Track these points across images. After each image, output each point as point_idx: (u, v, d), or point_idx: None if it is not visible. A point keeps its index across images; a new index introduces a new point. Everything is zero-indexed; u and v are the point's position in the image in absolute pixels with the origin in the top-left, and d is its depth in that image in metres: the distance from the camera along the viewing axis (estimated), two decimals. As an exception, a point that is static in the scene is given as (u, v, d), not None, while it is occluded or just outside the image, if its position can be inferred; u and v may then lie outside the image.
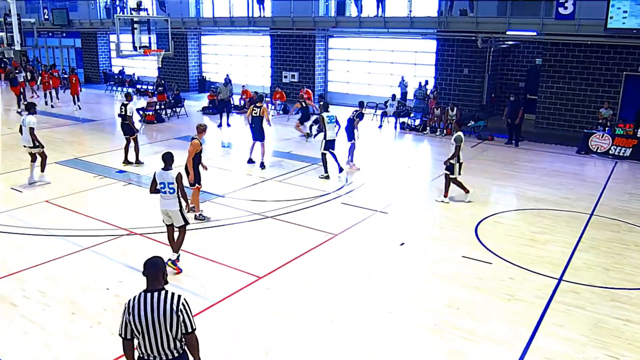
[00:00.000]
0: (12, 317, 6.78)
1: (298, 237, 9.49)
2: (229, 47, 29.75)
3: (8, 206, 10.68)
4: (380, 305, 7.20)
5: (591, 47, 17.81)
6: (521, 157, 15.69)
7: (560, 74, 18.70)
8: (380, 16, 21.30)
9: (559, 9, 16.63)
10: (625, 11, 15.46)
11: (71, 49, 36.92)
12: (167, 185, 7.81)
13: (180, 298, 4.22)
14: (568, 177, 13.65)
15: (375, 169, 14.05)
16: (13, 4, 20.56)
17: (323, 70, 26.08)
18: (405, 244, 9.23)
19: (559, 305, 7.23)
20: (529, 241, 9.44)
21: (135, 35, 17.31)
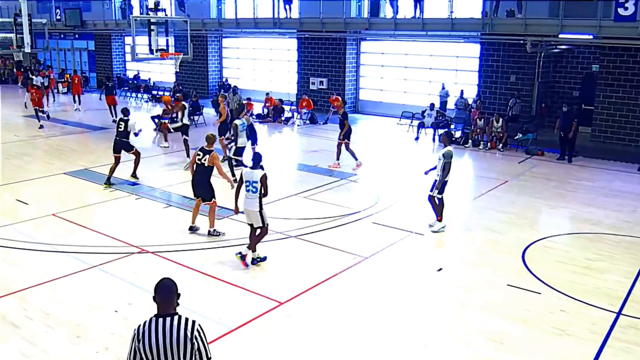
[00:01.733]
0: (11, 338, 6.88)
1: (324, 259, 9.46)
2: (252, 50, 30.09)
3: (13, 219, 10.92)
4: (415, 338, 7.14)
5: (656, 51, 17.54)
6: (575, 175, 15.45)
7: (619, 82, 18.41)
8: (418, 17, 21.33)
9: (619, 9, 16.43)
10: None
11: (84, 51, 37.70)
12: (252, 184, 8.74)
13: (195, 324, 4.16)
14: (629, 198, 13.38)
15: (411, 185, 13.98)
16: (24, 3, 21.11)
17: (354, 76, 26.16)
18: (443, 270, 9.15)
19: (618, 343, 7.05)
20: (583, 269, 9.26)
21: (152, 38, 17.55)
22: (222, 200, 10.82)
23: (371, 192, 13.24)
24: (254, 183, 8.71)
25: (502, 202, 12.87)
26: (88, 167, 15.16)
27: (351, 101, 26.14)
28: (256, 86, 29.34)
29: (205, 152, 10.12)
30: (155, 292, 4.26)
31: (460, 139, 19.53)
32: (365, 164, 16.18)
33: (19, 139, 18.77)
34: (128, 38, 33.08)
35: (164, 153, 17.65)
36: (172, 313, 4.23)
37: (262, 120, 23.78)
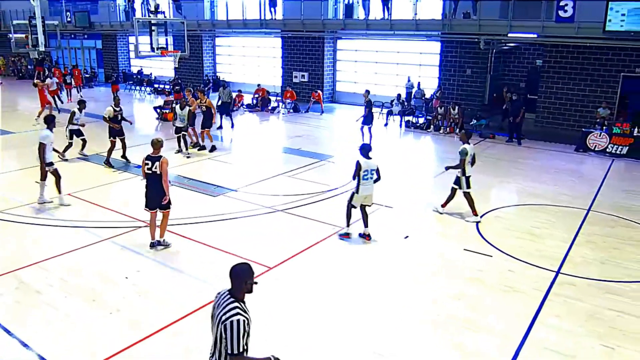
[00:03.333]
0: (36, 304, 6.85)
1: (307, 230, 9.50)
2: (242, 48, 29.79)
3: (33, 199, 10.77)
4: (386, 296, 7.21)
5: (590, 49, 17.64)
6: (522, 155, 15.62)
7: (559, 75, 18.56)
8: (386, 19, 21.21)
9: (559, 12, 16.51)
10: (624, 14, 15.33)
11: (92, 50, 37.07)
12: (370, 172, 8.90)
13: (236, 316, 3.76)
14: (566, 175, 13.57)
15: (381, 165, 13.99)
16: (37, 7, 20.66)
17: (332, 70, 26.03)
18: (409, 237, 9.23)
19: (557, 297, 7.20)
20: (528, 235, 9.41)
21: (153, 37, 17.33)
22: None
23: (347, 171, 13.24)
24: (372, 171, 8.93)
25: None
26: (99, 152, 14.94)
27: (329, 92, 26.05)
28: (246, 80, 29.15)
29: (153, 159, 8.44)
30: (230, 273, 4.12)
31: (423, 124, 19.63)
32: (341, 147, 16.20)
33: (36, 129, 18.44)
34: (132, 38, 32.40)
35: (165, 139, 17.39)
36: (230, 293, 4.03)
37: (251, 110, 23.62)
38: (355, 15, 23.11)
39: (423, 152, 17.31)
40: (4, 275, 7.56)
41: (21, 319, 6.51)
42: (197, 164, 14.06)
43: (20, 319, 6.49)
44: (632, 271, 8.04)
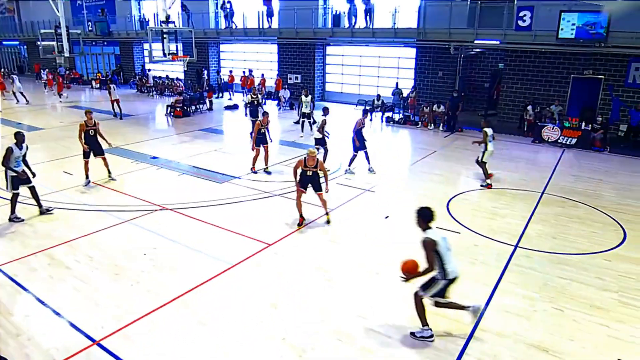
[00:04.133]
0: (66, 277, 6.84)
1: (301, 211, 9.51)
2: (243, 53, 29.49)
3: (62, 187, 10.69)
4: (369, 268, 7.27)
5: (545, 54, 17.66)
6: (485, 146, 15.63)
7: (518, 77, 18.57)
8: (369, 28, 21.08)
9: (519, 21, 16.49)
10: (574, 24, 15.34)
11: (111, 55, 36.58)
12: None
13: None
14: (524, 162, 13.66)
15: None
16: (62, 17, 20.33)
17: (322, 72, 25.88)
18: (389, 217, 9.28)
19: (515, 268, 7.29)
20: (491, 215, 9.48)
21: (165, 44, 17.14)
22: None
23: (335, 160, 13.26)
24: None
25: (431, 166, 13.04)
26: (119, 145, 14.83)
27: (319, 92, 25.94)
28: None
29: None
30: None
31: (401, 120, 19.64)
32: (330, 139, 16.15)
33: (63, 125, 18.24)
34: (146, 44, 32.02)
35: (176, 133, 17.33)
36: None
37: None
38: (342, 24, 22.92)
39: (401, 143, 17.32)
40: (37, 254, 7.53)
41: (53, 290, 6.50)
42: (205, 155, 13.99)
43: (53, 291, 6.49)
44: (579, 244, 8.15)
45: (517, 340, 5.60)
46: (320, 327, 5.78)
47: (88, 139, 10.73)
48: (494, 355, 5.34)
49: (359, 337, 5.62)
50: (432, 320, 5.90)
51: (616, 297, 6.52)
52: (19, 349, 5.33)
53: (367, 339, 5.60)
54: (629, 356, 5.37)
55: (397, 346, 5.49)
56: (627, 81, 16.37)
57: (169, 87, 27.91)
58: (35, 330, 5.66)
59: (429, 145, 15.77)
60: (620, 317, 6.07)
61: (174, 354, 5.31)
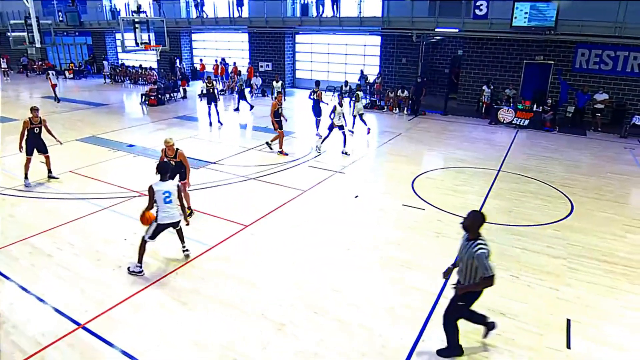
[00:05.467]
0: (48, 265, 6.66)
1: (275, 193, 9.48)
2: (215, 42, 28.81)
3: (40, 177, 10.31)
4: (341, 244, 7.34)
5: (500, 41, 17.93)
6: (447, 128, 15.91)
7: (476, 62, 18.83)
8: (336, 16, 20.89)
9: (476, 10, 16.63)
10: (527, 12, 15.58)
11: (83, 46, 35.10)
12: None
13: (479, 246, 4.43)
14: (481, 143, 13.94)
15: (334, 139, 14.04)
16: (32, 8, 19.29)
17: (292, 60, 25.57)
18: (359, 197, 9.36)
19: (475, 240, 7.48)
20: (452, 192, 9.67)
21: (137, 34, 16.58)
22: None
23: (307, 145, 13.23)
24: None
25: (397, 148, 13.16)
26: (95, 134, 14.38)
27: (289, 79, 25.67)
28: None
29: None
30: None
31: (367, 104, 19.68)
32: (301, 124, 16.11)
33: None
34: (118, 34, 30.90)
35: (152, 121, 16.90)
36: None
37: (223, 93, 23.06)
38: (310, 13, 22.64)
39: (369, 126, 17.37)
40: (18, 243, 7.28)
41: (36, 278, 6.32)
42: (181, 142, 13.71)
43: (36, 279, 6.31)
44: (532, 217, 8.43)
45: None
46: (296, 302, 5.84)
47: (33, 136, 9.79)
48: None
49: (334, 310, 5.70)
50: (403, 291, 6.04)
51: (565, 263, 6.81)
52: (5, 336, 5.19)
53: (341, 311, 5.69)
54: (575, 315, 5.64)
55: (370, 316, 5.60)
56: (574, 66, 16.83)
57: (143, 76, 27.09)
58: (19, 318, 5.51)
59: (394, 128, 15.90)
60: (568, 281, 6.35)
61: (157, 333, 5.28)
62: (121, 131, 14.93)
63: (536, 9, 15.41)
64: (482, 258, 4.37)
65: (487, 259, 4.38)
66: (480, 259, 4.38)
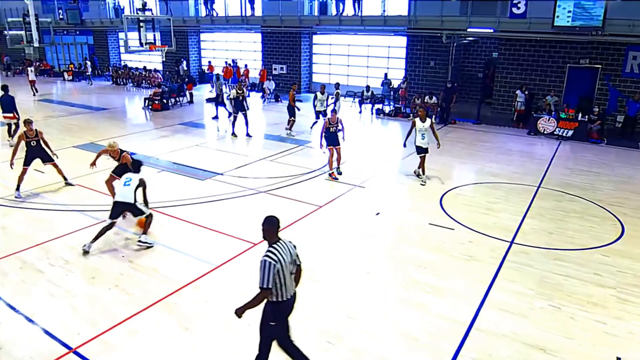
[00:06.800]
0: (39, 282, 6.76)
1: (288, 208, 9.50)
2: (225, 42, 29.30)
3: (34, 186, 10.55)
4: (359, 267, 7.30)
5: (540, 42, 17.85)
6: (479, 138, 15.81)
7: (513, 66, 18.75)
8: (357, 15, 21.08)
9: (513, 9, 16.61)
10: (570, 11, 15.50)
11: (84, 45, 36.06)
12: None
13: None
14: (518, 155, 13.80)
15: (355, 149, 14.07)
16: (31, 5, 19.96)
17: (308, 62, 25.82)
18: (380, 214, 9.32)
19: (511, 264, 7.38)
20: (485, 210, 9.57)
21: (142, 33, 16.97)
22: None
23: (324, 155, 13.26)
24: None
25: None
26: (93, 141, 14.68)
27: (306, 83, 25.91)
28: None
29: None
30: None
31: (391, 112, 19.71)
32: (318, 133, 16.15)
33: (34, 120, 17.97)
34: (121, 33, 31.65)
35: (155, 128, 17.19)
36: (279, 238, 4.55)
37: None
38: (329, 11, 22.91)
39: (392, 137, 17.38)
40: (8, 257, 7.43)
41: (26, 295, 6.43)
42: (186, 150, 13.90)
43: (26, 296, 6.41)
44: (575, 240, 8.27)
45: (513, 339, 5.68)
46: (308, 328, 5.81)
47: (30, 149, 10.20)
48: (489, 354, 5.41)
49: (349, 338, 5.65)
50: (426, 320, 5.97)
51: (614, 293, 6.64)
52: (-10, 358, 5.27)
53: (357, 339, 5.63)
54: (627, 353, 5.48)
55: (390, 347, 5.53)
56: (625, 70, 16.61)
57: (147, 78, 27.65)
58: (6, 339, 5.59)
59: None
60: (618, 313, 6.19)
61: (155, 360, 5.30)
62: (122, 138, 15.18)
63: (581, 7, 15.32)
64: (262, 266, 4.32)
65: (268, 270, 4.30)
66: (261, 265, 4.32)
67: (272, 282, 4.32)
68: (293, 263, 4.62)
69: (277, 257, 4.38)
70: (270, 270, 4.29)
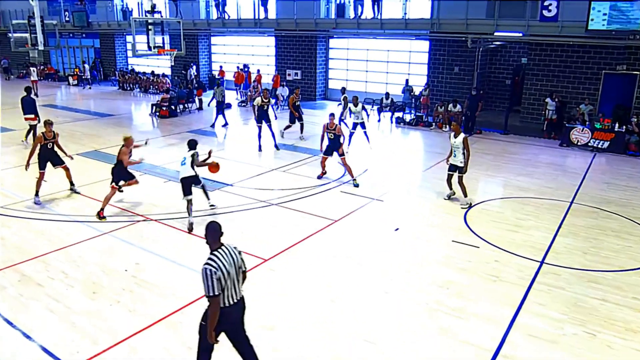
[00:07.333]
0: (38, 296, 6.82)
1: (301, 222, 9.51)
2: (237, 47, 29.64)
3: (33, 194, 10.69)
4: (377, 286, 7.24)
5: (573, 47, 17.72)
6: (507, 149, 15.68)
7: (544, 72, 18.62)
8: (377, 18, 21.19)
9: (543, 11, 16.56)
10: (605, 14, 15.39)
11: (90, 49, 36.78)
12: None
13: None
14: (551, 168, 13.65)
15: (372, 160, 14.04)
16: (36, 6, 20.42)
17: (324, 68, 25.97)
18: (400, 230, 9.26)
19: (541, 286, 7.26)
20: (513, 227, 9.46)
21: (150, 36, 17.22)
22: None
23: (339, 166, 13.27)
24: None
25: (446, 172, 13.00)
26: (98, 148, 14.88)
27: (321, 89, 26.04)
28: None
29: None
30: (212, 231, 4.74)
31: (412, 120, 19.67)
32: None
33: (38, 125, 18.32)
34: (129, 37, 32.26)
35: (162, 135, 17.38)
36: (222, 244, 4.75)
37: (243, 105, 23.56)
38: (346, 14, 23.06)
39: (412, 147, 17.33)
40: (6, 269, 7.52)
41: (23, 311, 6.49)
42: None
43: (23, 311, 6.47)
44: (612, 260, 8.12)
45: None
46: (321, 353, 5.75)
47: (44, 152, 10.55)
48: (518, 385, 5.29)
49: (366, 364, 5.58)
50: (452, 346, 5.87)
51: (655, 319, 6.48)
52: (-15, 376, 5.31)
53: (375, 366, 5.56)
54: (670, 386, 5.32)
55: (409, 374, 5.45)
56: (665, 77, 16.39)
57: (154, 83, 28.04)
58: (2, 356, 5.63)
59: (443, 149, 15.72)
60: (660, 342, 6.03)
61: (158, 382, 5.29)
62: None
63: (617, 9, 15.20)
64: (204, 275, 4.43)
65: (210, 278, 4.41)
66: (202, 275, 4.43)
67: (218, 288, 4.48)
68: (238, 269, 4.80)
69: (217, 264, 4.52)
70: (213, 278, 4.44)
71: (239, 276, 4.81)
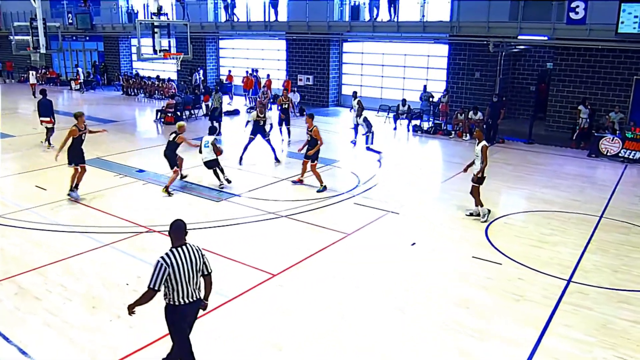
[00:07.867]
0: (35, 310, 6.87)
1: (311, 236, 9.51)
2: (246, 50, 29.87)
3: (33, 203, 10.83)
4: (392, 304, 7.20)
5: (602, 51, 17.62)
6: (531, 160, 15.58)
7: (570, 78, 18.52)
8: (393, 20, 21.25)
9: (570, 14, 16.49)
10: (636, 16, 15.28)
11: (94, 52, 37.30)
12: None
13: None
14: (578, 180, 13.53)
15: (388, 170, 14.02)
16: (39, 8, 20.80)
17: (337, 73, 26.09)
18: (416, 244, 9.22)
19: (567, 306, 7.17)
20: (538, 242, 9.37)
21: (156, 39, 17.42)
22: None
23: (352, 176, 13.26)
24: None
25: (467, 184, 12.92)
26: (100, 156, 15.02)
27: (334, 95, 26.13)
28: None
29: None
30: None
31: (431, 128, 19.63)
32: (347, 151, 16.20)
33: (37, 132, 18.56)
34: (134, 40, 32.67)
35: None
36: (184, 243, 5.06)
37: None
38: (361, 17, 23.17)
39: (431, 157, 17.28)
40: (2, 281, 7.59)
41: (20, 325, 6.53)
42: (200, 169, 14.07)
43: (19, 326, 6.52)
44: (645, 280, 8.00)
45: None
46: (333, 375, 5.72)
47: (78, 145, 11.04)
48: (543, 412, 5.22)
49: (380, 388, 5.54)
50: (468, 369, 5.81)
51: (692, 343, 6.36)
52: (-22, 394, 5.35)
53: (389, 389, 5.52)
54: None
55: (425, 399, 5.40)
56: (702, 84, 16.22)
57: (160, 88, 28.33)
58: (-3, 372, 5.67)
59: (463, 159, 15.64)
60: (698, 368, 5.91)
61: (159, 403, 5.29)
62: (130, 153, 15.54)
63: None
64: (154, 265, 4.83)
65: (158, 271, 4.79)
66: (154, 265, 4.83)
67: (161, 284, 4.80)
68: (197, 270, 5.02)
69: (170, 261, 4.83)
70: (160, 272, 4.77)
71: (196, 278, 5.03)
